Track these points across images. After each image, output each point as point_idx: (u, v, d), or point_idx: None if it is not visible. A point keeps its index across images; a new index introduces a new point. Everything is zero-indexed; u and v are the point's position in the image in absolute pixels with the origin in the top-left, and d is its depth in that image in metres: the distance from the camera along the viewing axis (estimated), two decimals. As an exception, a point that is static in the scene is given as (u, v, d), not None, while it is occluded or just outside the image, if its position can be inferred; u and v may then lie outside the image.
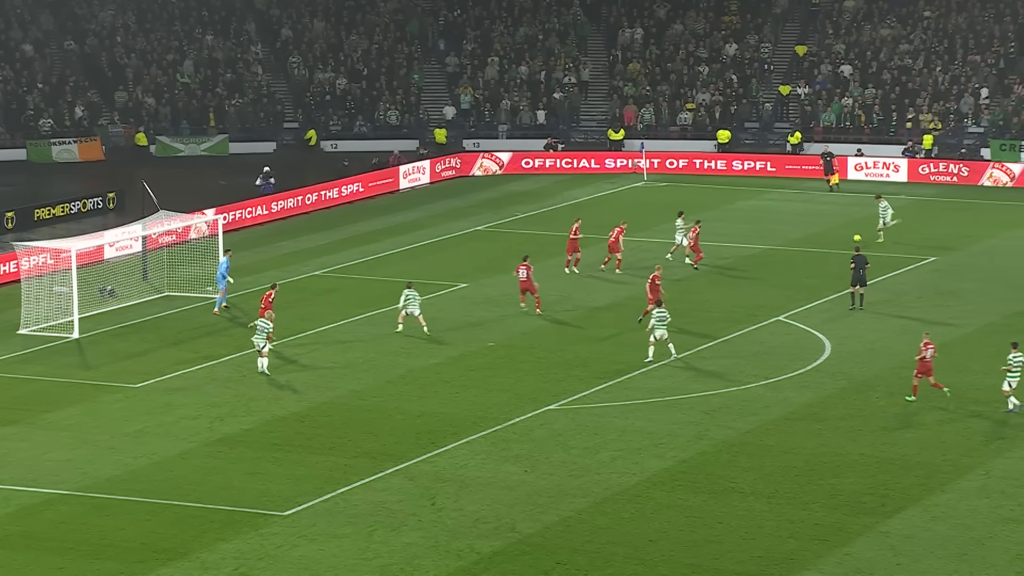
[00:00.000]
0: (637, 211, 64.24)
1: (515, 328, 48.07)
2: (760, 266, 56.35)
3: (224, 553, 32.01)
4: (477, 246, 60.12)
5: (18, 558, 31.82)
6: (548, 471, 36.54)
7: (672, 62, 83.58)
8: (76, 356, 46.12)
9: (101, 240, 54.92)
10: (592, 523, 33.61)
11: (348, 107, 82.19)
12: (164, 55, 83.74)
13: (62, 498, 34.81)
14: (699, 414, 40.39)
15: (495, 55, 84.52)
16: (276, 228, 63.90)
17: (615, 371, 43.82)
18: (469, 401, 41.50)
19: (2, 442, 38.49)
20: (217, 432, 39.20)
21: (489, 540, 32.65)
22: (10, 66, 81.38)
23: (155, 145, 79.06)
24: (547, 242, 59.26)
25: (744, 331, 47.79)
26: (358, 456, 37.43)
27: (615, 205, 67.11)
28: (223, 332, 48.05)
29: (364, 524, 33.42)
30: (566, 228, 56.40)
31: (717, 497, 35.08)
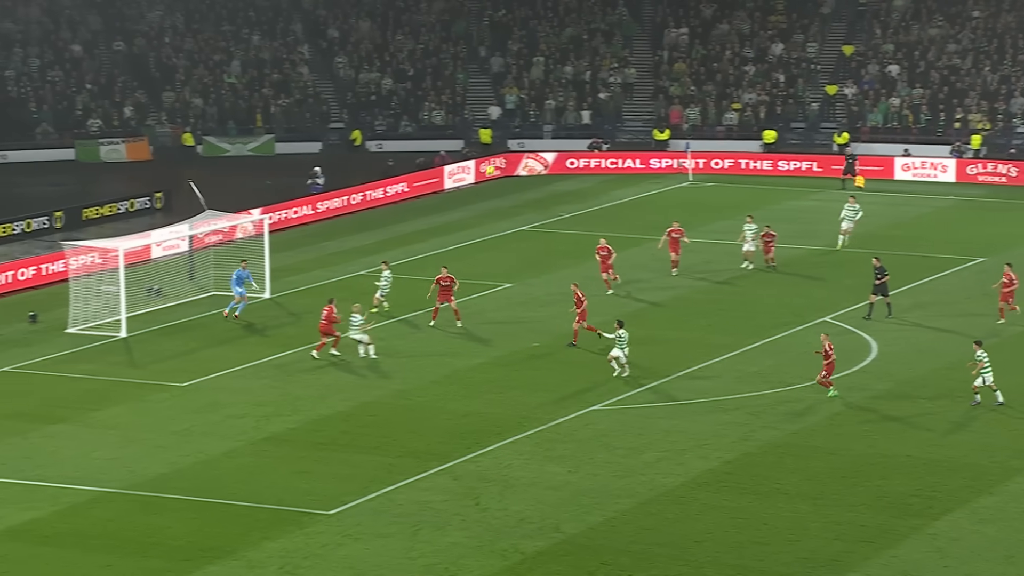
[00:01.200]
0: (683, 212, 64.04)
1: (560, 328, 48.04)
2: (806, 267, 56.14)
3: (270, 552, 32.15)
4: (521, 246, 60.13)
5: (66, 555, 32.06)
6: (592, 471, 36.52)
7: (718, 62, 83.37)
8: (123, 355, 46.41)
9: (148, 240, 55.26)
10: (637, 524, 33.57)
11: (393, 107, 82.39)
12: (211, 55, 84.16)
13: (110, 496, 35.03)
14: (745, 415, 40.27)
15: (540, 55, 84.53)
16: (321, 228, 64.11)
17: (660, 372, 43.73)
18: (513, 401, 41.52)
19: (50, 440, 38.78)
20: (263, 431, 39.37)
21: (533, 540, 32.66)
22: (60, 66, 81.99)
23: (202, 145, 79.47)
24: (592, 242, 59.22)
25: (790, 332, 47.62)
26: (403, 455, 37.51)
27: (660, 206, 67.00)
28: (269, 331, 48.23)
29: (409, 523, 33.49)
30: (612, 228, 56.31)
31: (762, 498, 34.97)
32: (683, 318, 49.60)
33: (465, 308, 48.99)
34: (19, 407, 41.45)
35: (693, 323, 49.08)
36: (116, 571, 31.37)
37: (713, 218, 64.10)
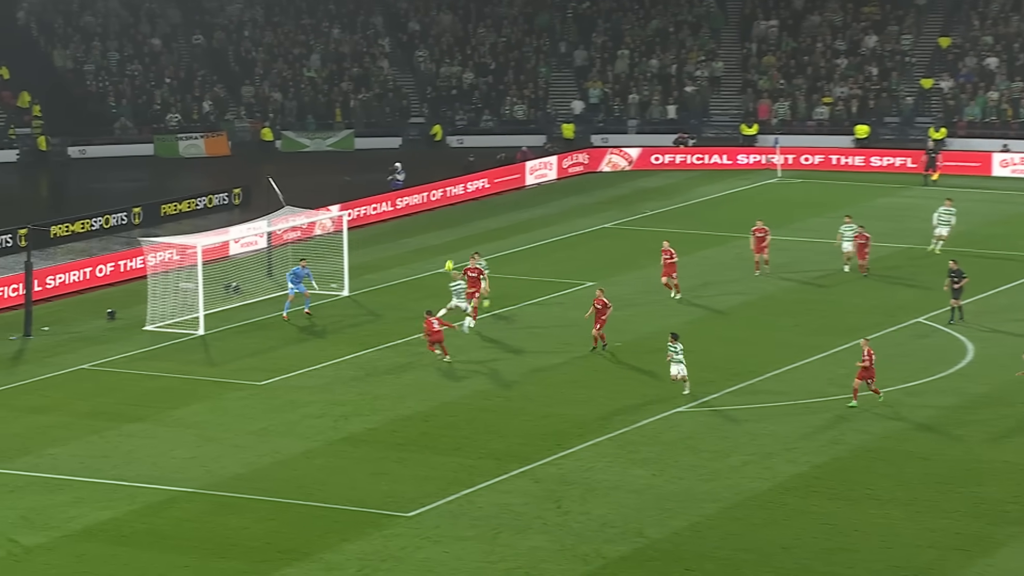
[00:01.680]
0: (771, 209, 63.73)
1: (644, 327, 47.96)
2: (900, 265, 55.65)
3: (348, 554, 32.32)
4: (605, 244, 60.05)
5: (143, 556, 32.40)
6: (677, 475, 36.41)
7: (809, 55, 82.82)
8: (201, 353, 46.84)
9: (227, 236, 55.72)
10: (722, 529, 33.43)
11: (475, 102, 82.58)
12: (291, 49, 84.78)
13: (187, 496, 35.37)
14: (835, 418, 40.00)
15: (625, 48, 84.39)
16: (401, 225, 64.37)
17: (747, 373, 43.52)
18: (596, 402, 41.48)
19: (128, 439, 39.22)
20: (341, 431, 39.60)
21: (616, 545, 32.61)
22: (139, 60, 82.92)
23: (281, 140, 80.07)
24: (677, 239, 59.08)
25: (883, 333, 47.22)
26: (483, 457, 37.58)
27: (748, 203, 66.67)
28: (348, 330, 48.48)
29: (489, 526, 33.55)
30: (698, 226, 56.08)
31: (853, 504, 34.72)
32: (770, 318, 49.31)
33: (546, 307, 48.99)
34: (97, 405, 41.95)
35: (780, 323, 48.80)
36: (193, 572, 31.67)
37: (802, 216, 63.69)
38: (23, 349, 47.50)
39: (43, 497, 35.40)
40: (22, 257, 51.87)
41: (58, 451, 38.33)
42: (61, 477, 36.59)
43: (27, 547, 32.85)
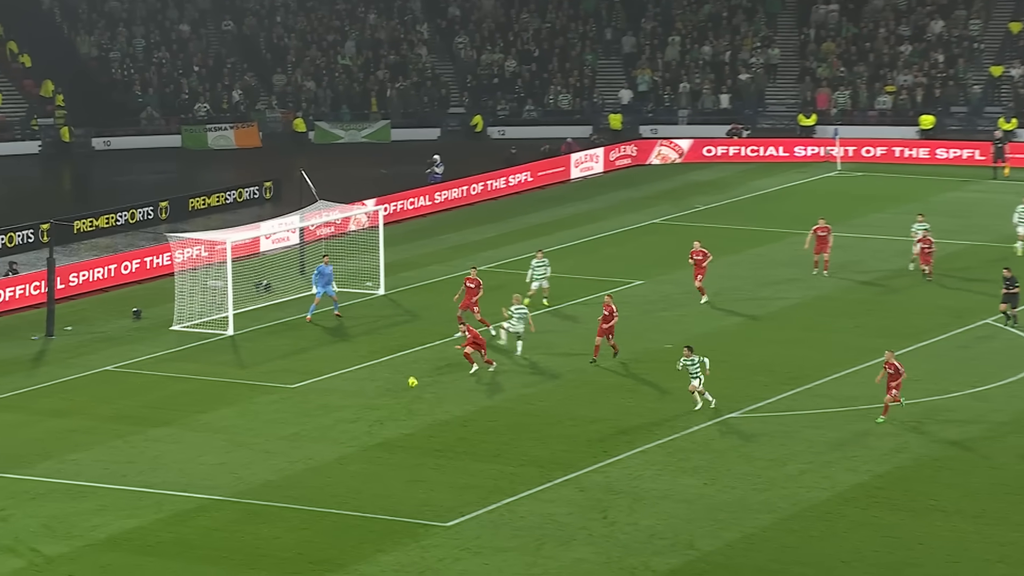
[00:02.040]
0: (830, 204, 63.56)
1: (694, 329, 47.87)
2: (966, 264, 55.39)
3: (383, 565, 32.39)
4: (654, 240, 59.98)
5: (170, 566, 32.55)
6: (729, 484, 36.33)
7: (871, 41, 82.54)
8: (230, 354, 47.03)
9: (257, 232, 55.94)
10: (778, 541, 33.34)
11: (517, 91, 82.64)
12: (325, 36, 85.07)
13: (216, 504, 35.50)
14: (897, 425, 39.83)
15: (676, 34, 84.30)
16: (439, 220, 64.45)
17: (804, 377, 43.39)
18: (644, 407, 41.43)
19: (155, 444, 39.42)
20: (376, 436, 39.68)
21: (665, 557, 32.57)
22: (166, 47, 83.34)
23: (314, 131, 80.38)
24: (730, 236, 59.00)
25: (948, 335, 47.02)
26: (525, 464, 37.58)
27: (805, 197, 66.47)
28: (383, 330, 48.59)
29: (531, 537, 33.56)
30: (752, 221, 55.81)
31: (917, 516, 34.57)
32: (828, 319, 49.14)
33: (592, 306, 48.96)
34: (122, 409, 42.18)
35: (839, 324, 48.62)
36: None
37: (863, 211, 63.46)
38: (45, 350, 47.80)
39: (66, 505, 35.62)
40: (44, 253, 52.20)
41: (81, 456, 38.55)
42: (84, 484, 36.80)
43: (49, 557, 33.06)
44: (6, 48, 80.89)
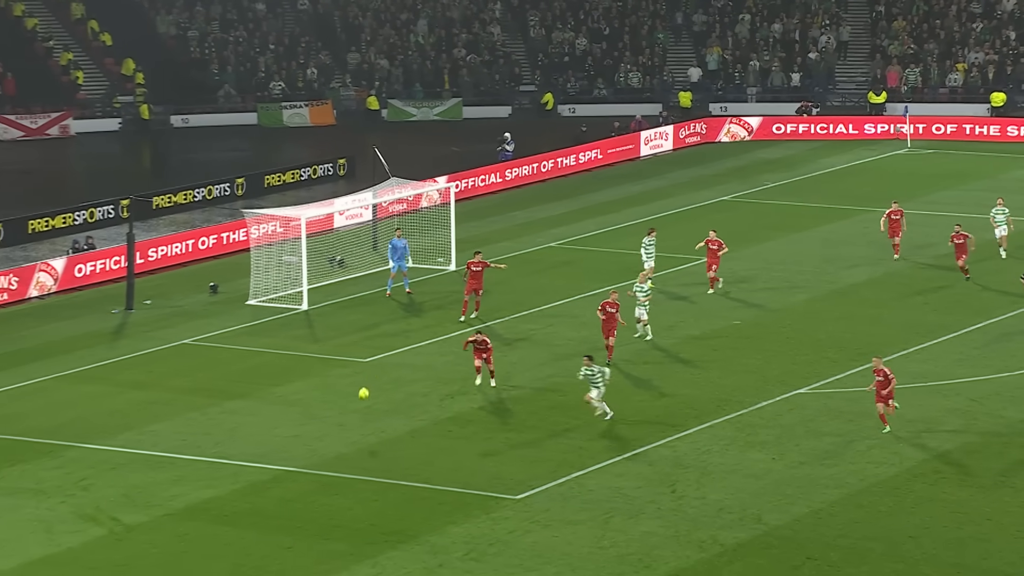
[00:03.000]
0: (901, 181, 63.09)
1: (763, 305, 47.66)
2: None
3: (454, 537, 32.48)
4: (722, 217, 59.66)
5: (246, 536, 32.78)
6: (798, 459, 36.18)
7: (942, 18, 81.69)
8: (305, 328, 47.24)
9: (331, 208, 56.13)
10: (846, 516, 33.18)
11: (587, 69, 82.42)
12: (398, 14, 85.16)
13: (290, 475, 35.70)
14: (966, 401, 39.50)
15: (746, 12, 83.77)
16: (510, 197, 64.43)
17: (872, 353, 43.05)
18: (712, 383, 41.30)
19: (231, 416, 39.68)
20: (448, 410, 39.77)
21: (733, 531, 32.48)
22: (242, 26, 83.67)
23: (387, 109, 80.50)
24: (799, 213, 58.70)
25: (1018, 312, 46.54)
26: (594, 439, 37.57)
27: (875, 175, 65.98)
28: (455, 306, 48.61)
29: (600, 510, 33.55)
30: (822, 199, 55.24)
31: (986, 492, 34.29)
32: (898, 296, 48.79)
33: (661, 283, 48.83)
34: (199, 382, 42.48)
35: (909, 301, 48.24)
36: (297, 553, 32.00)
37: (933, 188, 62.91)
38: (125, 323, 48.21)
39: (145, 475, 35.94)
40: (124, 228, 52.60)
41: (160, 428, 38.88)
42: (163, 454, 37.11)
43: (128, 526, 33.38)
44: (88, 27, 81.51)
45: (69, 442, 37.94)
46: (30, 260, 53.61)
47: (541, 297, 48.82)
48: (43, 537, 32.86)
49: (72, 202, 60.16)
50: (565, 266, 53.37)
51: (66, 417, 39.73)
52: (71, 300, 50.63)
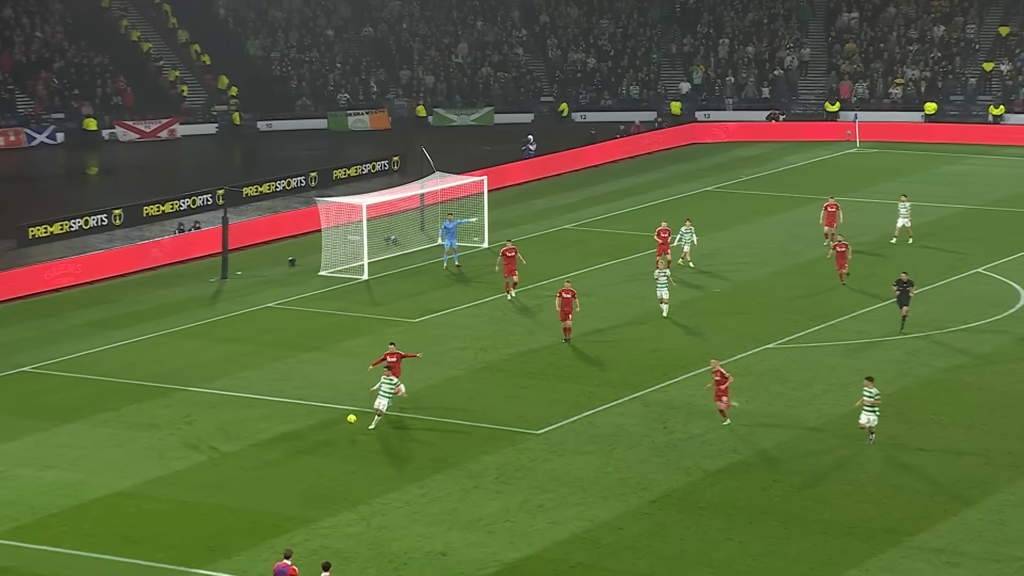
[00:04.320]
0: (851, 175, 62.81)
1: (739, 277, 47.48)
2: (962, 224, 54.48)
3: (487, 464, 32.52)
4: (705, 204, 59.46)
5: (320, 463, 32.89)
6: (767, 401, 36.10)
7: (885, 42, 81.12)
8: (365, 294, 47.26)
9: (387, 197, 55.93)
10: (805, 447, 33.11)
11: (596, 83, 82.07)
12: (441, 39, 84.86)
13: (355, 414, 35.72)
14: (903, 354, 39.35)
15: (726, 37, 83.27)
16: (532, 188, 64.24)
17: (827, 315, 42.97)
18: (696, 340, 41.21)
19: (306, 365, 39.75)
20: (481, 361, 39.76)
21: (714, 460, 32.45)
22: (316, 48, 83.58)
23: (432, 116, 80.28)
24: (768, 201, 58.45)
25: (946, 281, 46.33)
26: (601, 384, 37.53)
27: (830, 170, 65.67)
28: (487, 277, 48.54)
29: (605, 443, 33.54)
30: (785, 189, 54.95)
31: (919, 427, 34.18)
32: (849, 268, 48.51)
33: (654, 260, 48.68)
34: (280, 337, 42.56)
35: (857, 272, 48.00)
36: (359, 477, 32.02)
37: (877, 181, 62.59)
38: (220, 290, 48.32)
39: (237, 412, 36.05)
40: (220, 213, 52.66)
41: (249, 375, 38.97)
42: (252, 396, 37.21)
43: (224, 453, 33.51)
44: (191, 50, 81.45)
45: (177, 386, 38.07)
46: (144, 239, 53.70)
47: (558, 269, 48.73)
48: (156, 462, 33.02)
49: (178, 192, 60.21)
50: (577, 244, 53.27)
51: (174, 365, 39.86)
52: (178, 271, 50.74)
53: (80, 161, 71.86)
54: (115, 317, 44.69)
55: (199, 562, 28.18)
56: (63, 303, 46.66)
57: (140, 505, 30.80)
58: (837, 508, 30.07)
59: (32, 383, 38.69)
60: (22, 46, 77.10)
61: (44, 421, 35.60)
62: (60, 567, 28.19)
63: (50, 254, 51.54)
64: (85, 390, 37.93)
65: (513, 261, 44.84)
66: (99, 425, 35.34)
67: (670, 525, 29.44)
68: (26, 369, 39.78)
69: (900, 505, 30.17)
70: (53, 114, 74.84)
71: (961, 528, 29.13)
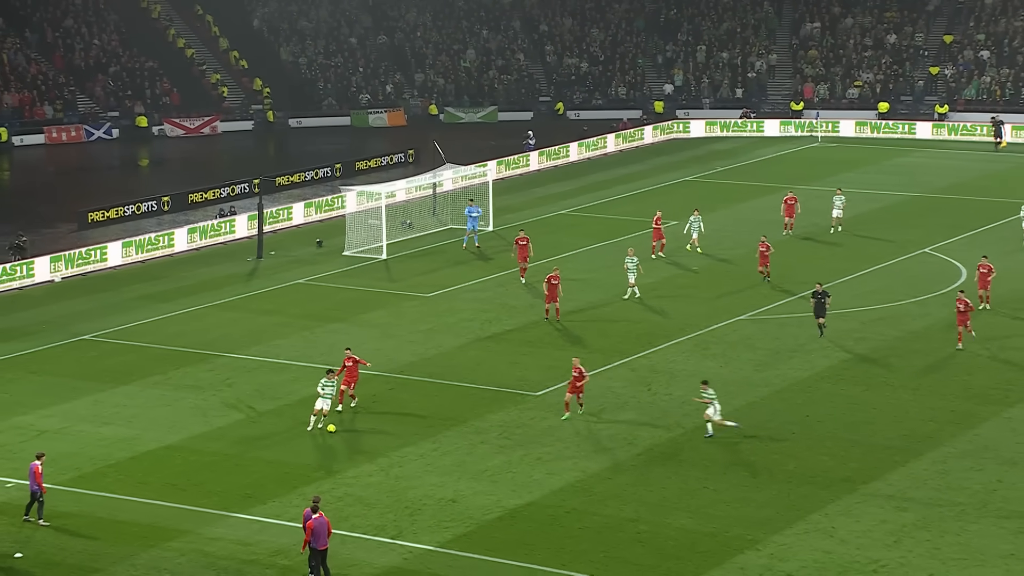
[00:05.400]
0: (813, 167, 62.61)
1: (714, 256, 47.33)
2: (911, 210, 54.32)
3: (492, 422, 32.48)
4: (685, 192, 59.28)
5: (343, 419, 32.77)
6: (738, 366, 36.04)
7: (843, 49, 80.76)
8: (384, 272, 47.15)
9: (403, 185, 55.83)
10: (772, 407, 33.07)
11: (588, 85, 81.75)
12: (451, 46, 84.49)
13: (374, 377, 35.65)
14: (858, 324, 39.26)
15: (703, 44, 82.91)
16: (532, 177, 64.05)
17: (792, 291, 42.84)
18: (677, 312, 41.11)
19: (331, 335, 39.67)
20: (487, 331, 39.68)
21: (692, 418, 32.40)
22: (340, 54, 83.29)
23: (443, 114, 79.99)
24: (740, 190, 58.28)
25: (897, 260, 46.20)
26: (592, 352, 37.45)
27: (795, 162, 65.45)
28: (493, 256, 48.47)
29: (596, 403, 33.48)
30: (755, 178, 54.75)
31: (872, 389, 34.15)
32: (812, 248, 48.44)
33: (642, 241, 48.55)
34: (308, 310, 42.48)
35: (820, 253, 47.91)
36: (380, 433, 31.99)
37: (837, 171, 62.37)
38: (256, 268, 48.21)
39: (271, 376, 36.01)
40: (255, 200, 52.50)
41: (281, 343, 38.91)
42: (284, 361, 37.16)
43: (261, 412, 33.49)
44: (231, 56, 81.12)
45: (217, 352, 38.03)
46: (189, 223, 53.59)
47: (555, 250, 48.62)
48: (200, 419, 33.01)
49: (219, 181, 60.03)
50: (572, 227, 53.13)
51: (215, 335, 39.81)
52: (218, 250, 50.63)
53: (133, 154, 71.69)
54: (164, 292, 44.62)
55: (238, 507, 28.19)
56: (118, 279, 46.58)
57: (186, 457, 30.80)
58: (800, 460, 30.05)
59: (91, 350, 38.67)
60: (82, 52, 76.88)
61: (102, 383, 35.58)
62: (116, 511, 28.21)
63: (107, 236, 51.40)
64: (137, 356, 37.89)
65: (525, 249, 44.13)
66: (150, 387, 35.32)
67: (653, 475, 29.42)
68: (86, 337, 39.74)
69: (855, 457, 30.14)
70: (109, 112, 74.66)
71: (909, 477, 29.12)
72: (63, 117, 73.00)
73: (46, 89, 73.65)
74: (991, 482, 28.83)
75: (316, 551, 24.79)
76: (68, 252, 47.58)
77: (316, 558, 24.83)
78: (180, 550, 26.54)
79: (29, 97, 72.69)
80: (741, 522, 27.20)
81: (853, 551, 26.09)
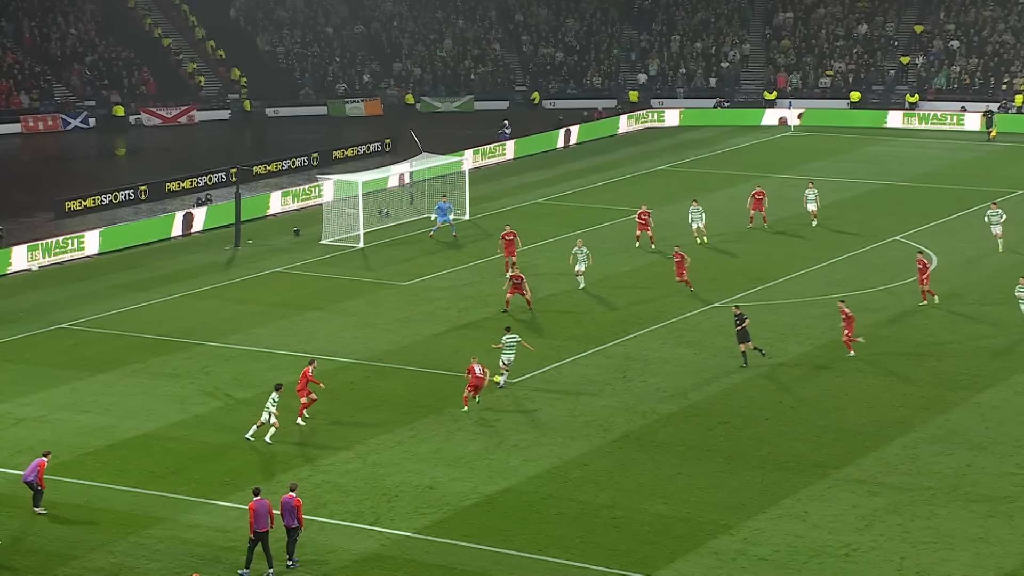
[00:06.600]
0: (786, 155, 62.73)
1: (688, 245, 47.41)
2: (882, 198, 54.53)
3: (471, 407, 32.45)
4: (660, 181, 59.35)
5: (320, 408, 32.70)
6: (712, 353, 36.13)
7: (816, 39, 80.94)
8: (361, 261, 47.04)
9: (380, 175, 55.61)
10: (746, 394, 33.17)
11: (563, 74, 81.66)
12: (428, 35, 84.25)
13: (352, 365, 35.67)
14: (832, 311, 39.37)
15: (677, 34, 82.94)
16: (508, 166, 63.98)
17: (764, 278, 42.99)
18: (652, 299, 41.18)
19: (309, 323, 39.58)
20: (463, 319, 39.65)
21: (667, 405, 32.49)
22: (317, 44, 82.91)
23: (419, 103, 79.78)
24: (714, 178, 58.35)
25: (868, 248, 46.39)
26: (567, 340, 37.49)
27: (768, 151, 65.58)
28: (468, 245, 48.40)
29: (572, 391, 33.53)
30: (729, 167, 54.84)
31: (844, 375, 34.29)
32: (786, 237, 48.57)
33: (617, 229, 48.58)
34: (286, 298, 42.35)
35: (793, 242, 48.04)
36: (357, 420, 31.93)
37: (809, 160, 62.55)
38: (233, 256, 48.02)
39: (249, 364, 35.89)
40: (233, 189, 52.26)
41: (259, 331, 38.79)
42: (261, 350, 37.04)
43: (238, 400, 33.37)
44: (207, 45, 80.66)
45: (195, 340, 37.87)
46: (167, 211, 53.29)
47: (533, 238, 48.58)
48: (178, 407, 32.88)
49: (196, 170, 59.72)
50: (548, 216, 53.12)
51: (193, 323, 39.64)
52: (196, 239, 50.38)
53: (110, 143, 71.23)
54: (141, 280, 44.39)
55: (216, 495, 28.11)
56: (96, 268, 46.29)
57: (164, 445, 30.68)
58: (773, 446, 30.17)
59: (69, 338, 38.44)
60: (58, 41, 76.28)
61: (80, 371, 35.38)
62: (95, 499, 28.07)
63: (84, 225, 51.08)
64: (115, 344, 37.69)
65: (512, 244, 43.44)
66: (128, 375, 35.14)
67: (628, 461, 29.48)
68: (64, 326, 39.51)
69: (827, 443, 30.29)
70: (86, 102, 74.15)
71: (880, 462, 29.29)
72: (40, 106, 72.46)
73: (22, 78, 73.08)
74: (960, 466, 29.02)
75: (259, 533, 24.79)
76: (45, 241, 47.27)
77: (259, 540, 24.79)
78: (158, 537, 26.44)
79: (5, 86, 72.13)
80: (715, 507, 27.31)
81: (825, 535, 26.24)
